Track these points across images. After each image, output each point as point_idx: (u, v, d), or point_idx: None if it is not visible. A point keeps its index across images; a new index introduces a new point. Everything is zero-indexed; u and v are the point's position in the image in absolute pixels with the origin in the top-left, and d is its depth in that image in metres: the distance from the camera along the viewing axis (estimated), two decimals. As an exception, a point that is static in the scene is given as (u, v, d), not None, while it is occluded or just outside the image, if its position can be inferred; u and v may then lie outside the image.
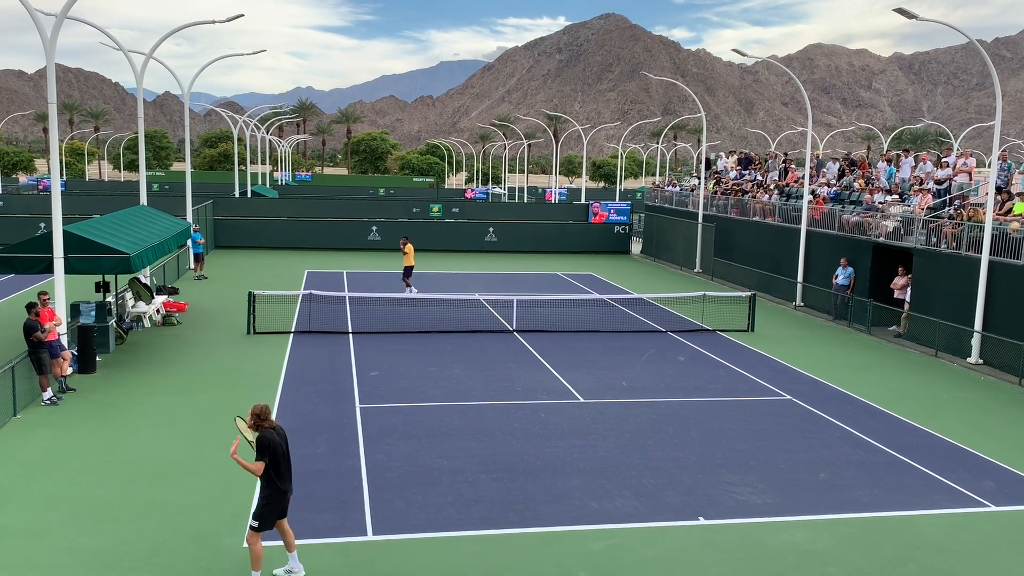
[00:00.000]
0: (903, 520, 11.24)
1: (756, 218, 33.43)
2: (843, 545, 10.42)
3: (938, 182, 25.50)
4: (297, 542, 10.01)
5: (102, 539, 10.04)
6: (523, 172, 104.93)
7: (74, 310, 18.77)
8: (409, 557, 9.76)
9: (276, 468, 8.89)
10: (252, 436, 8.94)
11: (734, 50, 30.84)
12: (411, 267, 28.28)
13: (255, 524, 8.98)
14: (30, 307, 15.72)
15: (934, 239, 23.25)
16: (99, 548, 9.82)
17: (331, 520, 10.67)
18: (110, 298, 20.54)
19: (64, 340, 16.67)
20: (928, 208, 24.38)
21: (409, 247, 28.31)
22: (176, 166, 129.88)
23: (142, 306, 22.50)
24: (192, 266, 32.83)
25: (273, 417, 9.45)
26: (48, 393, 15.33)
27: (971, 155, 26.34)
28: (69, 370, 16.43)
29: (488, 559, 9.78)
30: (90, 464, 12.49)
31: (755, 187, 36.31)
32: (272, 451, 8.82)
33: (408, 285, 28.02)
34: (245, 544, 9.66)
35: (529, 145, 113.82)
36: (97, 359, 17.90)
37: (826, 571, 9.75)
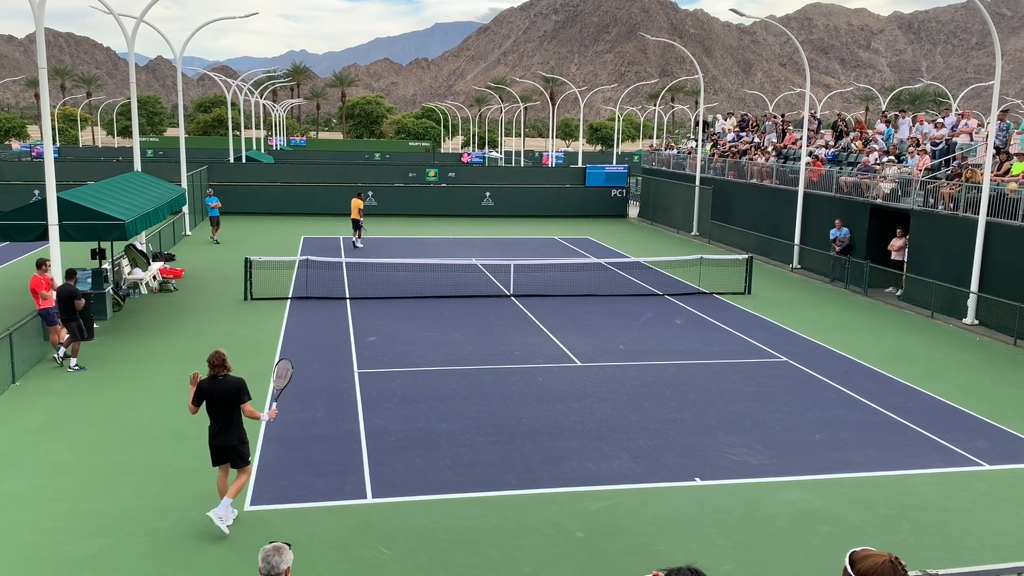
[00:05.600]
0: (898, 479, 11.35)
1: (753, 180, 33.32)
2: (838, 504, 10.53)
3: (934, 142, 25.38)
4: (297, 506, 10.13)
5: (103, 504, 10.12)
6: (520, 136, 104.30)
7: (70, 277, 18.71)
8: (408, 519, 9.86)
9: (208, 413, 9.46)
10: None
11: (731, 9, 30.44)
12: (357, 220, 30.91)
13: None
14: (70, 274, 16.18)
15: (931, 200, 23.21)
16: (100, 512, 9.91)
17: (331, 483, 10.76)
18: (106, 265, 20.49)
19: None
20: (926, 169, 24.30)
21: (354, 202, 31.08)
22: (170, 132, 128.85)
23: (139, 273, 22.47)
24: (192, 229, 32.98)
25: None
26: (74, 360, 15.47)
27: (972, 116, 26.18)
28: (66, 337, 16.43)
29: (487, 520, 9.88)
30: (90, 430, 12.56)
31: (752, 149, 36.14)
32: (202, 397, 9.39)
33: (355, 237, 31.07)
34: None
35: (525, 108, 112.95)
36: (95, 326, 17.91)
37: (821, 530, 9.87)
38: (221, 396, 9.27)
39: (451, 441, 12.27)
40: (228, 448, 9.36)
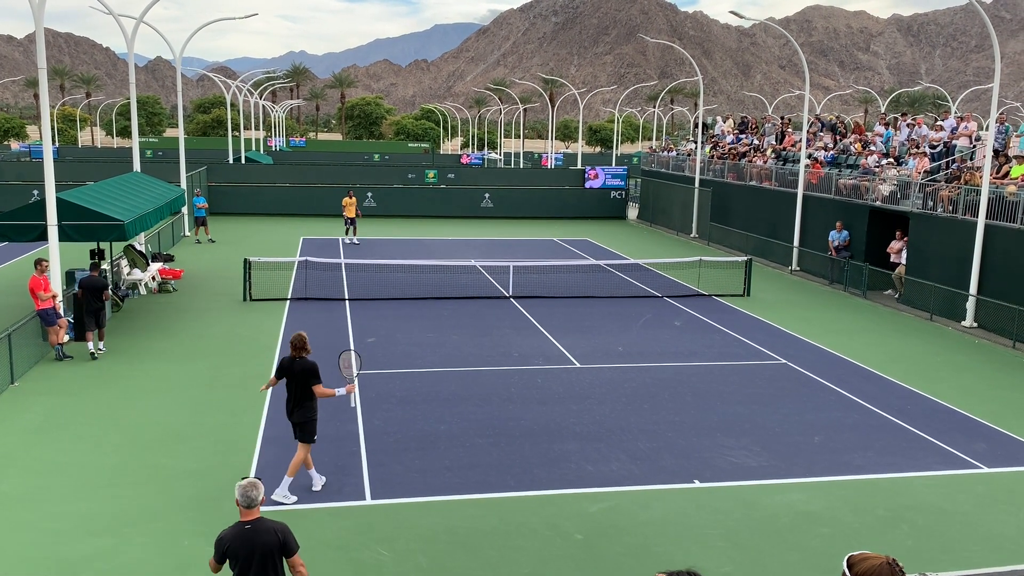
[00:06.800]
0: (896, 482, 11.36)
1: (753, 182, 33.33)
2: (836, 506, 10.54)
3: (931, 145, 25.41)
4: (297, 507, 10.14)
5: (101, 504, 10.12)
6: (519, 137, 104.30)
7: (69, 278, 18.71)
8: (407, 520, 9.86)
9: None
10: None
11: (731, 12, 30.50)
12: (351, 218, 32.08)
13: None
14: (95, 266, 17.08)
15: (931, 203, 23.23)
16: (98, 513, 9.91)
17: (330, 485, 10.75)
18: (105, 265, 20.47)
19: (60, 308, 16.66)
20: (925, 172, 24.32)
21: (345, 200, 32.26)
22: (169, 132, 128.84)
23: (137, 273, 22.46)
24: (191, 231, 33.09)
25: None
26: (91, 347, 16.25)
27: (972, 118, 26.19)
28: (66, 338, 16.44)
29: (485, 522, 9.88)
30: (89, 430, 12.56)
31: (752, 151, 36.15)
32: (282, 373, 10.29)
33: (347, 233, 32.40)
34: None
35: (525, 110, 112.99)
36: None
37: (820, 532, 9.87)
38: (294, 375, 10.11)
39: (450, 442, 12.27)
40: (295, 424, 10.23)
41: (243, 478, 6.45)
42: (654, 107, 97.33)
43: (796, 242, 28.87)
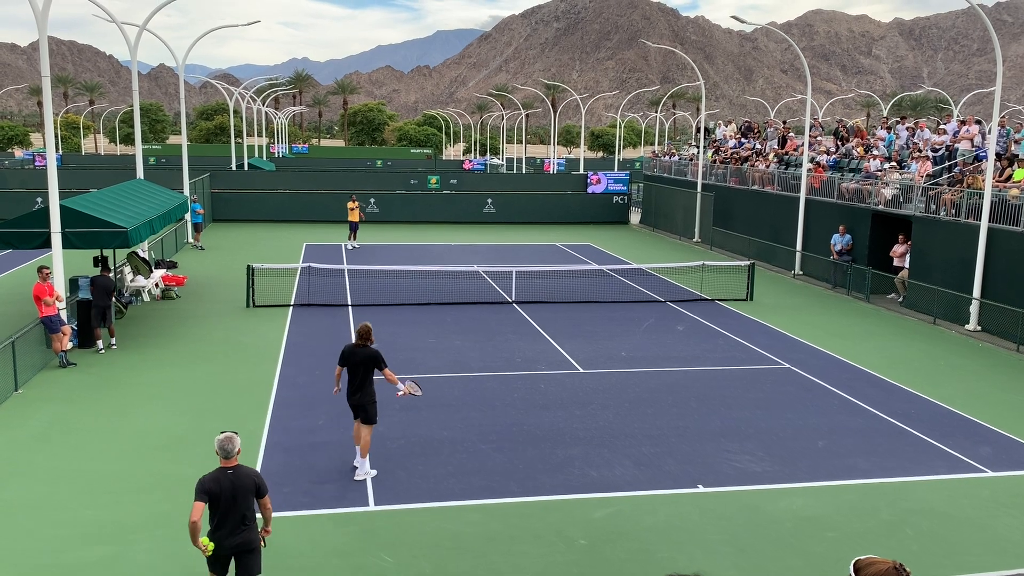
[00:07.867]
0: (901, 486, 11.33)
1: (755, 187, 33.33)
2: (841, 511, 10.51)
3: (934, 148, 25.40)
4: (299, 513, 10.13)
5: (105, 511, 10.12)
6: (521, 142, 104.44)
7: (72, 285, 18.75)
8: (411, 526, 9.85)
9: None
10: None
11: (733, 17, 30.48)
12: (354, 223, 32.90)
13: None
14: (105, 266, 17.92)
15: (933, 206, 23.21)
16: (102, 520, 9.91)
17: (333, 491, 10.75)
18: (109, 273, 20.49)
19: (64, 315, 16.69)
20: (927, 175, 24.30)
21: (350, 204, 33.08)
22: (172, 139, 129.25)
23: (141, 280, 22.49)
24: (191, 237, 33.12)
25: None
26: (100, 344, 17.14)
27: (975, 122, 26.17)
28: (69, 345, 16.47)
29: (489, 527, 9.87)
30: (93, 437, 12.57)
31: (754, 156, 36.15)
32: (344, 360, 11.17)
33: (350, 238, 33.23)
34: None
35: (527, 115, 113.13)
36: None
37: (824, 537, 9.85)
38: (359, 361, 10.97)
39: (453, 448, 12.26)
40: (359, 406, 11.03)
41: (221, 432, 7.33)
42: (656, 112, 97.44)
43: (799, 246, 28.85)
